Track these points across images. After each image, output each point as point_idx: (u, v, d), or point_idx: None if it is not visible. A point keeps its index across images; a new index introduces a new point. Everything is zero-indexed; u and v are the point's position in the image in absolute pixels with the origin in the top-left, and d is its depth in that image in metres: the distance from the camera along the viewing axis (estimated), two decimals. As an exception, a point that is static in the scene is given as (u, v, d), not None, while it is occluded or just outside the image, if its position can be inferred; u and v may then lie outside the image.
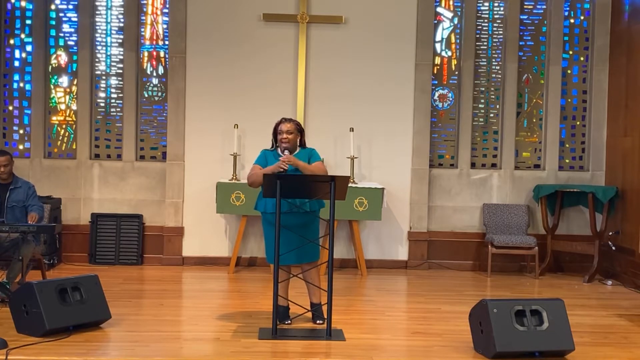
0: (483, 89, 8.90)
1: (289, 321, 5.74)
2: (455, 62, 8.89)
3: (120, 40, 8.73)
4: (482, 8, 8.85)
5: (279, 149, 5.76)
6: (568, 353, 5.01)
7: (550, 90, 8.79)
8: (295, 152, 5.76)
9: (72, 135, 8.77)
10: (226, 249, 8.54)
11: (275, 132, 5.80)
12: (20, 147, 8.78)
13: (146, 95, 8.80)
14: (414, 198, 8.63)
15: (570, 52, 8.91)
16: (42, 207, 6.78)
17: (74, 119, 8.75)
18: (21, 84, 8.76)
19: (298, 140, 5.81)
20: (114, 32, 8.75)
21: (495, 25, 8.86)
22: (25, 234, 6.17)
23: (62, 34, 8.74)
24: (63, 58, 8.77)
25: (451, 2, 8.86)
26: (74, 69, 8.73)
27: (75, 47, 8.71)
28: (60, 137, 8.80)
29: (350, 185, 7.72)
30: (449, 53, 8.89)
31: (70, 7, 8.72)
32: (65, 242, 8.48)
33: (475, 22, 8.79)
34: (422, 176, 8.64)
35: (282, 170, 5.55)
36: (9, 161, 6.65)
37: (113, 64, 8.77)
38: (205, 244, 8.55)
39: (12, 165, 6.72)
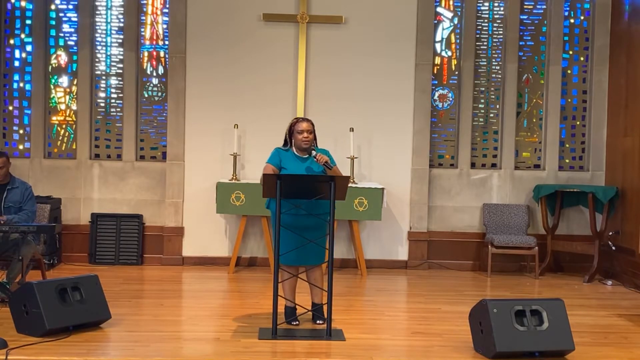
0: (483, 89, 8.90)
1: (297, 322, 5.72)
2: (455, 62, 8.89)
3: (120, 40, 8.73)
4: (482, 8, 8.85)
5: (294, 149, 5.69)
6: (568, 353, 5.01)
7: (550, 90, 8.79)
8: (317, 151, 5.63)
9: (72, 135, 8.77)
10: (226, 249, 8.55)
11: (291, 132, 5.68)
12: (20, 147, 8.78)
13: (146, 95, 8.80)
14: (414, 198, 8.63)
15: (570, 52, 8.91)
16: (32, 214, 6.66)
17: (74, 119, 8.75)
18: (21, 84, 8.76)
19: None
20: (114, 32, 8.75)
21: (495, 25, 8.86)
22: (25, 234, 6.17)
23: (62, 34, 8.74)
24: (63, 58, 8.77)
25: (451, 2, 8.86)
26: (74, 69, 8.73)
27: (75, 47, 8.71)
28: (60, 137, 8.80)
29: (350, 185, 7.73)
30: (449, 53, 8.89)
31: (70, 7, 8.72)
32: (65, 242, 8.48)
33: (475, 22, 8.79)
34: (422, 176, 8.64)
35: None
36: (5, 163, 6.62)
37: (113, 64, 8.77)
38: (205, 244, 8.55)
39: (9, 166, 6.71)
